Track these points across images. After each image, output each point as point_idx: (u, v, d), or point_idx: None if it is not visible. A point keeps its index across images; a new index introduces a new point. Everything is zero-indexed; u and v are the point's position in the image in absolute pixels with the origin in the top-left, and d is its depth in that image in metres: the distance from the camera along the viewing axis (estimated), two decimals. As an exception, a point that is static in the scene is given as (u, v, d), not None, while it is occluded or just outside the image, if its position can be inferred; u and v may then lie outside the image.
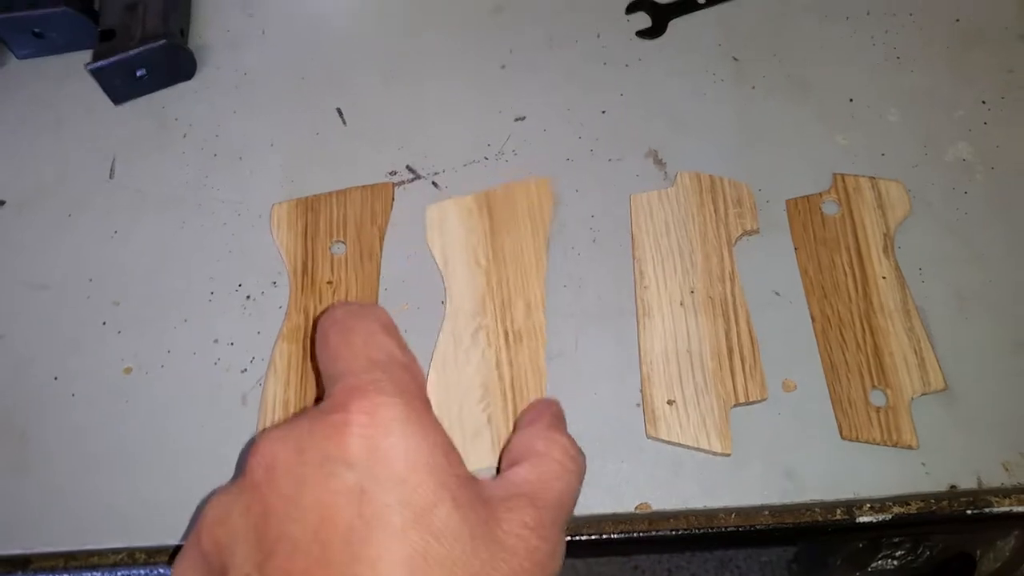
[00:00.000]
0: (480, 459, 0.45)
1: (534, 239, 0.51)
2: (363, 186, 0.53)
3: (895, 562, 0.83)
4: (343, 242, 0.51)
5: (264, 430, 0.31)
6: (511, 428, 0.45)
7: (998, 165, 0.53)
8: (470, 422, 0.45)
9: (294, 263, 0.50)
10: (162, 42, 0.54)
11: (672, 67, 0.58)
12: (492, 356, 0.47)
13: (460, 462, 0.29)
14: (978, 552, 0.76)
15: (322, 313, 0.35)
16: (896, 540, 0.82)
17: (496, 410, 0.46)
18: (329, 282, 0.49)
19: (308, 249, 0.50)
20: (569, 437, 0.37)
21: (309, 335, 0.48)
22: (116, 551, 0.44)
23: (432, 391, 0.46)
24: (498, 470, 0.40)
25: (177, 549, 0.44)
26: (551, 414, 0.39)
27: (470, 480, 0.30)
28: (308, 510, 0.26)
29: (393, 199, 0.53)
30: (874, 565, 0.84)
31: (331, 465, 0.27)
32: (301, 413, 0.30)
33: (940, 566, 0.81)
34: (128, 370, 0.48)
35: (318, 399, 0.43)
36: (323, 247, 0.51)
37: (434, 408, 0.45)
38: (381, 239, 0.51)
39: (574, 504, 0.34)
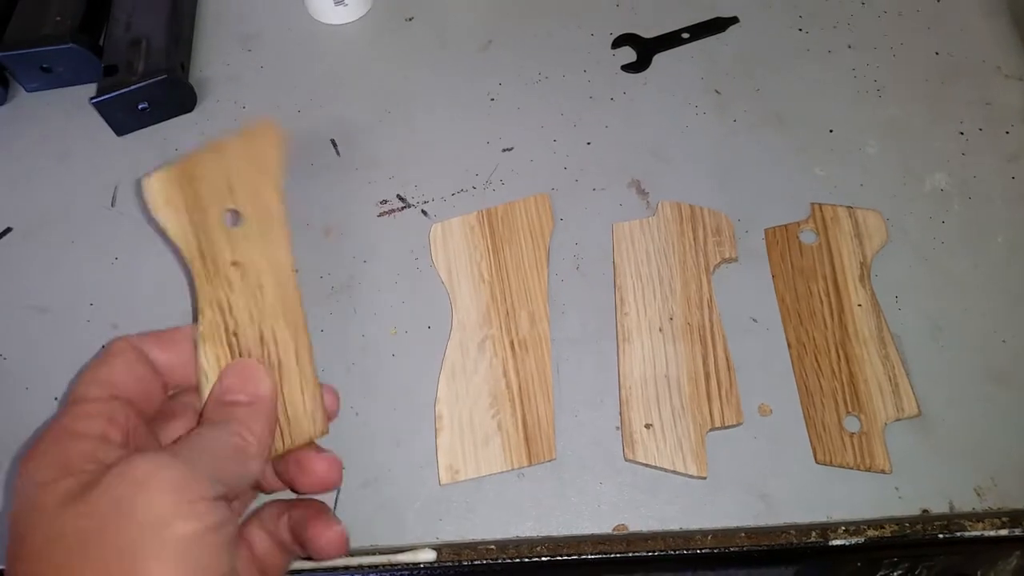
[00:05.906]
0: (491, 465, 0.46)
1: (535, 253, 0.52)
2: (240, 132, 0.37)
3: (894, 582, 0.83)
4: (235, 210, 0.37)
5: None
6: (520, 434, 0.47)
7: (975, 195, 0.55)
8: (480, 429, 0.47)
9: (189, 249, 0.36)
10: (163, 77, 0.56)
11: (656, 100, 0.59)
12: (499, 365, 0.49)
13: None
14: (979, 573, 0.76)
15: None
16: (895, 559, 0.82)
17: (505, 416, 0.47)
18: (235, 263, 0.37)
19: (198, 226, 0.36)
20: None
21: (231, 330, 0.36)
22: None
23: (443, 400, 0.48)
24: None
25: None
26: None
27: None
28: None
29: (284, 142, 0.38)
30: (872, 584, 0.84)
31: None
32: None
33: (939, 586, 0.81)
34: (126, 393, 0.49)
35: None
36: (216, 220, 0.36)
37: (446, 417, 0.47)
38: (279, 194, 0.37)
39: None
